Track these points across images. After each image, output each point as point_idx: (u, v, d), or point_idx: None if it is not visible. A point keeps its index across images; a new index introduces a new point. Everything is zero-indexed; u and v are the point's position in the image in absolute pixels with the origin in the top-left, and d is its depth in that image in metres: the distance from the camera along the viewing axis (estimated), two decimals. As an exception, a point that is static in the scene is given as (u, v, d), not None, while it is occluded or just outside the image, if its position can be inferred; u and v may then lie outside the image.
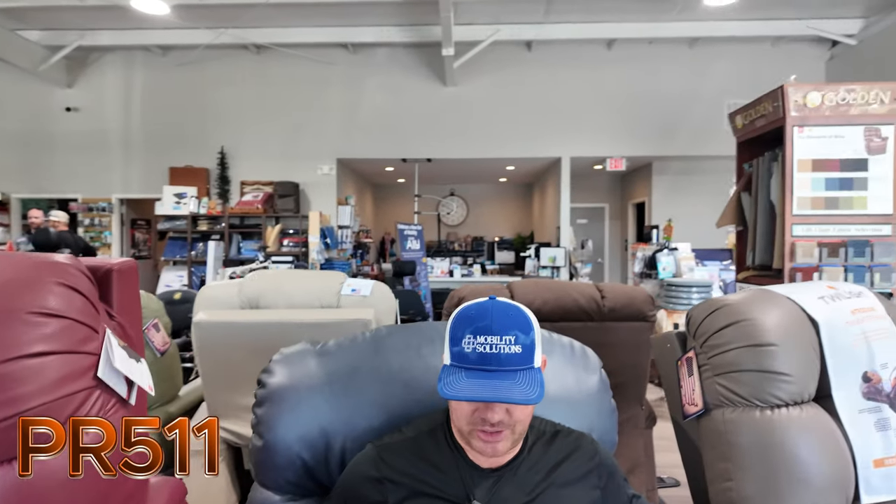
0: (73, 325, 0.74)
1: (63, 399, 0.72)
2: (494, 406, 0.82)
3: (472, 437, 0.84)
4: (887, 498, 1.09)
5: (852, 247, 1.91)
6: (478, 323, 0.84)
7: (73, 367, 0.74)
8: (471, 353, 0.82)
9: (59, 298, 0.73)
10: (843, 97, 1.88)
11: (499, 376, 0.81)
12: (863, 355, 1.15)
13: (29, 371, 0.69)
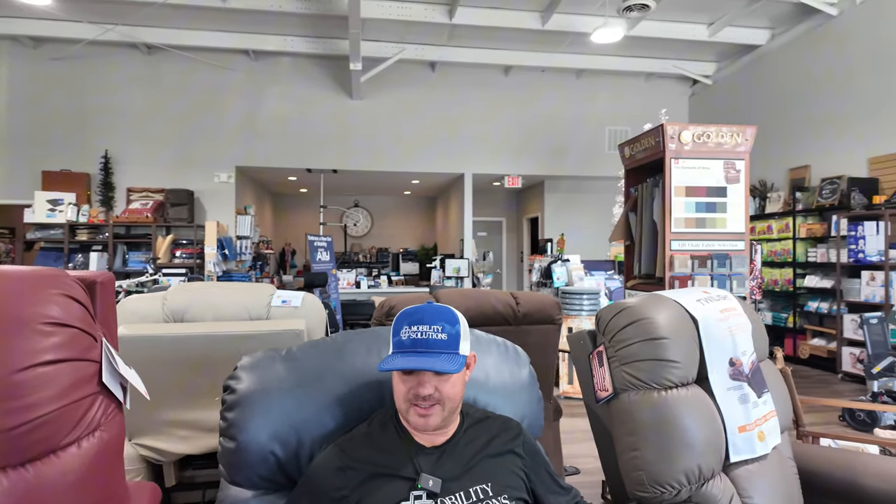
0: (78, 334, 0.78)
1: (74, 404, 0.76)
2: (423, 381, 0.99)
3: (410, 415, 1.01)
4: (748, 456, 1.39)
5: (716, 259, 2.32)
6: (413, 317, 1.04)
7: (81, 373, 0.78)
8: (406, 340, 1.01)
9: (63, 309, 0.77)
10: (709, 136, 2.29)
11: (426, 355, 1.00)
12: (729, 345, 1.46)
13: (44, 378, 0.73)
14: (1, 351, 0.70)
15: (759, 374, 1.51)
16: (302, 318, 2.16)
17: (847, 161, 5.81)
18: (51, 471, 0.74)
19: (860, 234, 5.25)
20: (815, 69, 6.29)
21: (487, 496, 1.00)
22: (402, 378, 1.02)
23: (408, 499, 0.96)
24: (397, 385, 1.04)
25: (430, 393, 1.00)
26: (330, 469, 0.99)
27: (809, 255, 5.98)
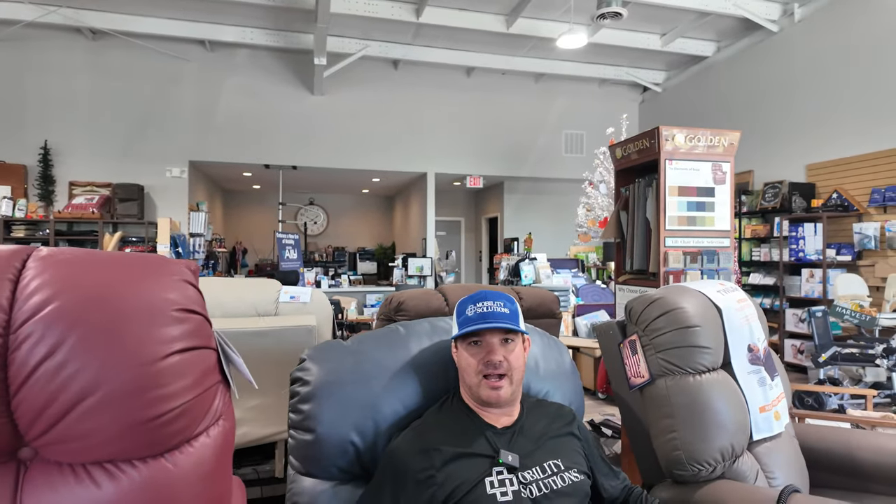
0: (202, 322, 0.76)
1: (205, 393, 0.74)
2: (493, 349, 1.06)
3: (481, 388, 1.07)
4: (767, 434, 1.51)
5: (705, 255, 2.47)
6: (476, 297, 1.12)
7: (209, 361, 0.76)
8: (473, 315, 1.09)
9: (187, 295, 0.74)
10: (699, 139, 2.44)
11: (494, 322, 1.07)
12: (746, 332, 1.57)
13: (182, 366, 0.70)
14: (142, 340, 0.67)
15: (771, 358, 1.64)
16: (312, 314, 2.13)
17: (787, 167, 6.28)
18: (186, 460, 0.71)
19: (800, 234, 5.69)
20: (757, 81, 6.76)
21: (560, 470, 1.05)
22: (472, 351, 1.08)
23: (490, 474, 1.00)
24: (467, 360, 1.09)
25: (500, 360, 1.06)
26: (413, 451, 1.01)
27: (754, 254, 6.41)
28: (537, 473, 1.04)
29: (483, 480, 1.00)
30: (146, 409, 0.67)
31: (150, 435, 0.67)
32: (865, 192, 5.42)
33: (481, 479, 1.00)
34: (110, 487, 0.66)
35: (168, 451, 0.70)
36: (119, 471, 0.67)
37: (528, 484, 1.01)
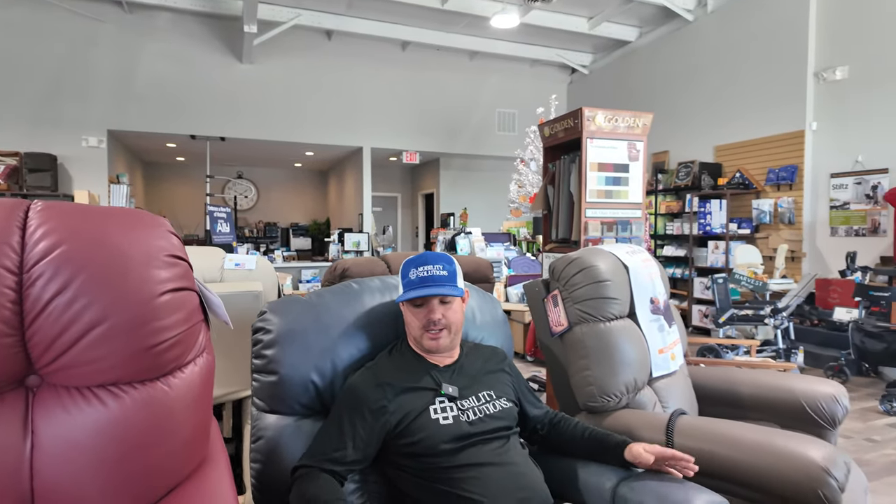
0: (188, 268, 0.86)
1: (194, 327, 0.85)
2: (433, 308, 1.23)
3: (423, 340, 1.24)
4: (664, 372, 1.79)
5: (620, 225, 2.75)
6: (418, 261, 1.27)
7: (195, 301, 0.87)
8: (415, 279, 1.24)
9: (175, 244, 0.85)
10: (618, 120, 2.69)
11: (434, 286, 1.23)
12: (650, 287, 1.84)
13: (176, 303, 0.81)
14: (142, 279, 0.78)
15: (669, 309, 1.92)
16: (258, 281, 2.21)
17: (699, 148, 6.85)
18: (179, 384, 0.83)
19: (707, 210, 6.27)
20: (674, 67, 7.26)
21: (493, 398, 1.25)
22: (414, 311, 1.24)
23: (434, 403, 1.18)
24: (411, 318, 1.25)
25: (439, 318, 1.23)
26: (369, 386, 1.17)
27: (668, 228, 6.98)
28: (474, 402, 1.23)
29: (428, 408, 1.17)
30: (147, 338, 0.78)
31: (150, 361, 0.79)
32: (763, 172, 6.04)
33: (426, 408, 1.17)
34: (115, 406, 0.77)
35: (164, 376, 0.81)
36: (122, 392, 0.78)
37: (465, 410, 1.20)
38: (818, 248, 5.62)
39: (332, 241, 8.06)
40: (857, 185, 5.30)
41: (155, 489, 0.82)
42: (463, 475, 1.11)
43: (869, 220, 5.21)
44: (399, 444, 1.14)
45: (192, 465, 0.89)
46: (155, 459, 0.80)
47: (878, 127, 5.12)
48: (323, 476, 1.06)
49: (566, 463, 1.34)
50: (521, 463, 1.18)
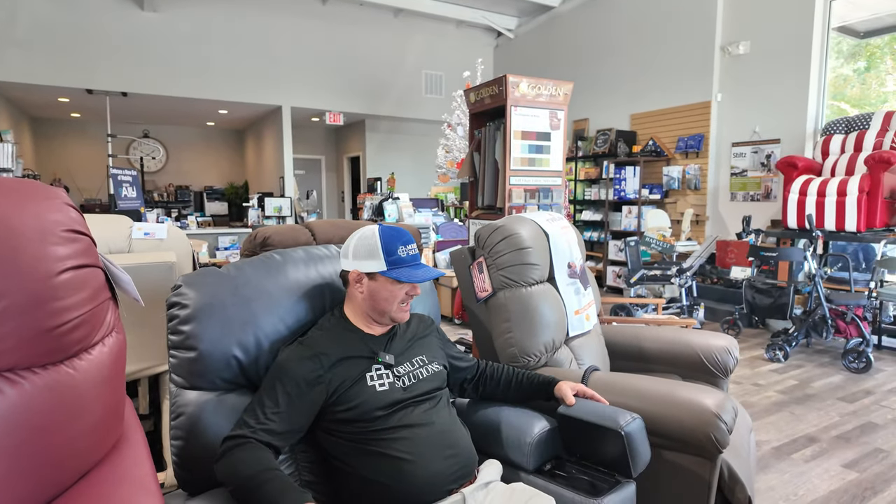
0: (90, 243, 0.80)
1: (100, 306, 0.80)
2: (417, 285, 1.28)
3: (396, 311, 1.26)
4: (580, 332, 1.90)
5: (542, 192, 2.84)
6: (403, 237, 1.28)
7: (100, 279, 0.81)
8: (406, 257, 1.26)
9: (72, 218, 0.78)
10: (541, 88, 2.74)
11: (427, 268, 1.28)
12: (567, 252, 1.93)
13: (78, 281, 0.75)
14: (37, 257, 0.71)
15: (585, 273, 2.03)
16: (171, 251, 2.09)
17: (616, 116, 7.13)
18: (87, 367, 0.78)
19: (622, 176, 6.59)
20: (595, 35, 7.44)
21: (425, 363, 1.29)
22: (397, 286, 1.25)
23: (370, 370, 1.20)
24: (390, 291, 1.25)
25: (419, 293, 1.30)
26: (303, 358, 1.16)
27: (586, 194, 7.29)
28: (408, 367, 1.26)
29: (364, 376, 1.19)
30: (46, 320, 0.72)
31: (51, 344, 0.73)
32: (674, 140, 6.41)
33: (362, 375, 1.19)
34: (13, 393, 0.71)
35: (68, 359, 0.76)
36: (20, 378, 0.72)
37: (400, 376, 1.23)
38: (720, 212, 6.10)
39: (252, 205, 7.71)
40: (753, 153, 5.77)
41: (64, 475, 0.77)
42: (393, 436, 1.14)
43: (763, 187, 5.70)
44: (334, 411, 1.16)
45: (106, 447, 0.85)
46: (64, 444, 0.76)
47: (773, 100, 5.56)
48: (256, 446, 1.05)
49: (491, 421, 1.41)
50: (449, 423, 1.23)
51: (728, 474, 1.49)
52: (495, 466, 1.27)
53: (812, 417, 3.06)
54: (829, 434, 2.85)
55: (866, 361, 3.81)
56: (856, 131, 4.88)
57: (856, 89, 5.91)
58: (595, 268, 7.18)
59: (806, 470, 2.47)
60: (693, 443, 1.38)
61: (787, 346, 4.11)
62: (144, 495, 0.80)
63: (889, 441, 2.76)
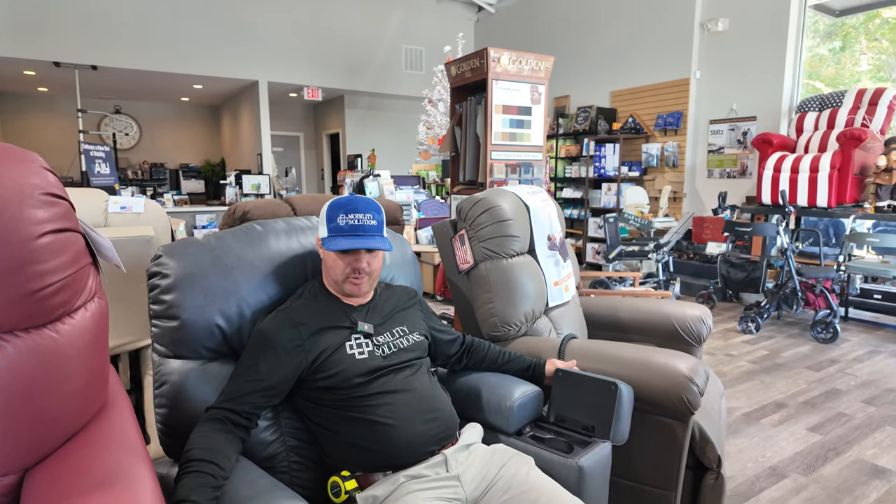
0: (69, 207, 0.79)
1: (81, 271, 0.79)
2: (360, 258, 1.24)
3: (345, 285, 1.25)
4: (559, 302, 1.94)
5: (523, 167, 2.86)
6: (348, 207, 1.24)
7: (80, 243, 0.80)
8: (344, 226, 1.23)
9: (51, 181, 0.77)
10: (521, 62, 2.73)
11: (366, 237, 1.23)
12: (547, 225, 1.95)
13: (59, 245, 0.75)
14: (16, 220, 0.70)
15: (564, 245, 2.06)
16: (148, 225, 2.06)
17: (596, 93, 7.14)
18: (70, 330, 0.78)
19: (602, 153, 6.64)
20: (577, 11, 7.39)
21: (406, 333, 1.31)
22: (341, 256, 1.23)
23: (350, 339, 1.21)
24: (335, 262, 1.24)
25: (364, 266, 1.23)
26: (282, 327, 1.17)
27: (567, 171, 7.32)
28: (388, 337, 1.27)
29: (344, 344, 1.20)
30: (27, 283, 0.72)
31: (33, 307, 0.73)
32: (653, 118, 6.46)
33: (342, 344, 1.20)
34: (-4, 356, 0.71)
35: (51, 322, 0.76)
36: (3, 341, 0.72)
37: (380, 346, 1.24)
38: (696, 189, 6.20)
39: (229, 183, 7.60)
40: (730, 131, 5.85)
41: (53, 436, 0.78)
42: (375, 402, 1.16)
43: (739, 164, 5.80)
44: (314, 379, 1.17)
45: (92, 411, 0.86)
46: (50, 406, 0.76)
47: (750, 77, 5.63)
48: (219, 426, 1.04)
49: (472, 387, 1.45)
50: (429, 389, 1.26)
51: (699, 435, 1.55)
52: (476, 429, 1.31)
53: (781, 385, 3.18)
54: (796, 400, 2.97)
55: (833, 332, 3.96)
56: (829, 109, 4.98)
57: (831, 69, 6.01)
58: (575, 245, 7.26)
59: (773, 434, 2.58)
60: (667, 405, 1.44)
61: (759, 318, 4.24)
62: (133, 457, 0.81)
63: (852, 406, 2.89)
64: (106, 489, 0.74)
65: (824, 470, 2.27)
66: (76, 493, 0.73)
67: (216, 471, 0.97)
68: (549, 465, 1.24)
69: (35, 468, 0.79)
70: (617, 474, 1.55)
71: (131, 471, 0.78)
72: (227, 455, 1.01)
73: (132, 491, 0.75)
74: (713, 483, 1.56)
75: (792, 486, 2.14)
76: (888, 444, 2.47)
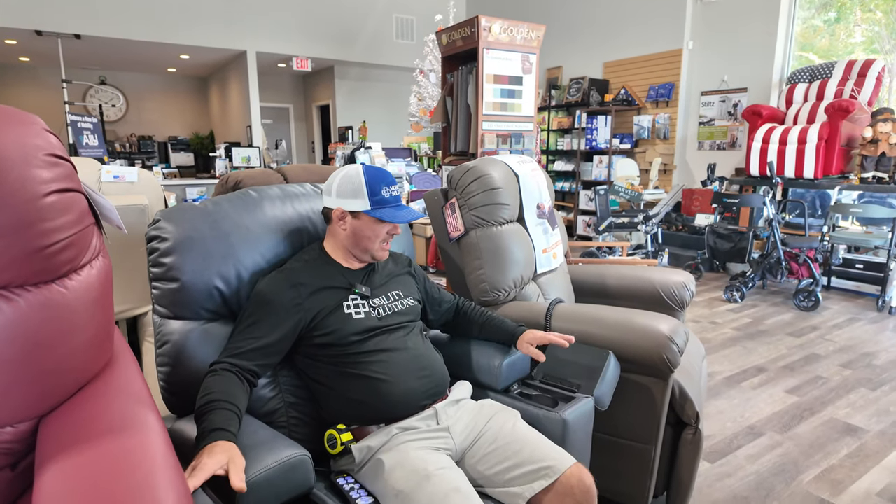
0: (71, 168, 0.82)
1: (86, 229, 0.83)
2: (398, 225, 1.33)
3: (377, 250, 1.32)
4: (547, 269, 2.00)
5: (514, 137, 2.88)
6: (386, 179, 1.31)
7: (83, 204, 0.83)
8: (389, 198, 1.30)
9: (52, 143, 0.80)
10: (513, 31, 2.73)
11: (407, 209, 1.32)
12: (536, 193, 1.99)
13: (64, 203, 0.78)
14: (23, 179, 0.73)
15: (553, 214, 2.11)
16: (142, 194, 2.08)
17: (589, 64, 7.09)
18: (77, 286, 0.82)
19: (594, 126, 6.64)
20: (570, -20, 7.28)
21: (400, 297, 1.36)
22: (383, 225, 1.30)
23: (347, 300, 1.26)
24: (373, 230, 1.29)
25: (400, 232, 1.35)
26: (283, 287, 1.22)
27: (559, 144, 7.33)
28: (383, 300, 1.32)
29: (342, 305, 1.25)
30: (35, 240, 0.75)
31: (42, 263, 0.77)
32: (645, 89, 6.44)
33: (339, 304, 1.25)
34: (9, 309, 0.75)
35: (59, 278, 0.80)
36: (15, 295, 0.76)
37: (376, 308, 1.30)
38: (687, 161, 6.24)
39: (219, 156, 7.53)
40: (721, 102, 5.86)
41: (64, 386, 0.83)
42: (370, 360, 1.22)
43: (729, 135, 5.84)
44: (313, 336, 1.22)
45: (100, 363, 0.90)
46: (60, 357, 0.81)
47: (742, 49, 5.62)
48: (228, 375, 1.10)
49: (462, 348, 1.51)
50: (422, 348, 1.31)
51: (679, 393, 1.63)
52: (466, 386, 1.37)
53: (762, 351, 3.29)
54: (776, 365, 3.08)
55: (815, 300, 4.07)
56: (819, 80, 5.00)
57: (825, 40, 6.00)
58: (566, 217, 7.32)
59: (753, 396, 2.69)
60: (648, 363, 1.50)
61: (745, 287, 4.34)
62: (141, 405, 0.86)
63: (829, 369, 3.01)
64: (117, 434, 0.79)
65: (799, 428, 2.37)
66: (90, 438, 0.78)
67: (237, 410, 1.05)
68: (535, 418, 1.31)
69: (49, 416, 0.83)
70: (601, 430, 1.63)
71: (140, 418, 0.83)
72: (241, 400, 1.08)
73: (143, 435, 0.80)
74: (691, 438, 1.64)
75: (768, 444, 2.25)
76: (861, 405, 2.59)
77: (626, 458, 1.60)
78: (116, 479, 0.70)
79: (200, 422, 1.01)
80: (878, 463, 2.11)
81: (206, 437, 0.96)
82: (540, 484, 1.11)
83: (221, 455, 0.91)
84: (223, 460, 0.90)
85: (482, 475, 1.18)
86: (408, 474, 1.07)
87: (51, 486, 0.69)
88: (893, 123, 4.27)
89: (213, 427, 0.97)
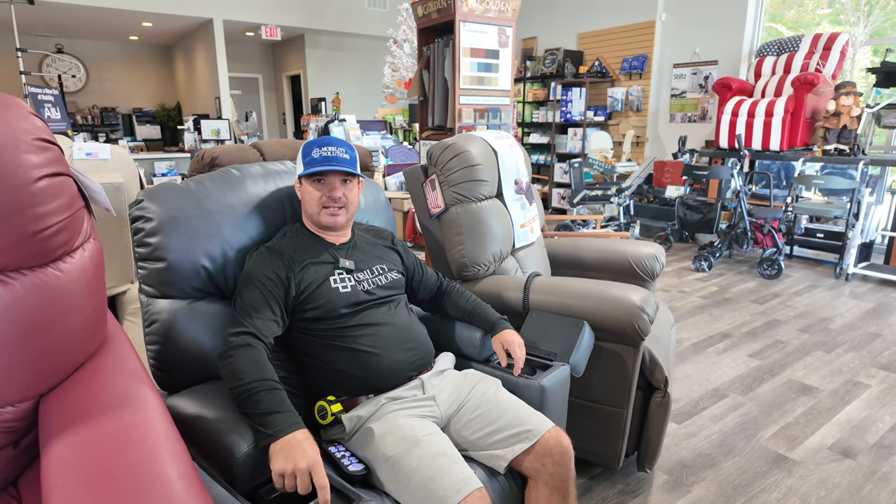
0: (60, 152, 0.83)
1: (77, 213, 0.84)
2: (334, 187, 1.31)
3: (321, 216, 1.32)
4: (524, 243, 2.05)
5: (491, 112, 2.89)
6: (322, 142, 1.32)
7: (73, 187, 0.84)
8: (318, 158, 1.30)
9: (40, 127, 0.80)
10: (489, 3, 2.72)
11: (337, 164, 1.30)
12: (514, 169, 2.03)
13: (55, 188, 0.79)
14: (13, 164, 0.74)
15: (530, 189, 2.16)
16: (117, 172, 2.05)
17: (564, 35, 7.07)
18: (71, 269, 0.83)
19: (569, 98, 6.66)
20: (545, -52, 7.18)
21: (385, 271, 1.40)
22: (316, 186, 1.30)
23: (333, 274, 1.29)
24: (311, 193, 1.31)
25: (340, 196, 1.31)
26: (272, 261, 1.25)
27: (534, 116, 7.34)
28: (368, 274, 1.36)
29: (328, 279, 1.28)
30: (29, 224, 0.76)
31: (36, 247, 0.78)
32: (618, 61, 6.47)
33: (326, 278, 1.28)
34: (5, 292, 0.76)
35: (53, 262, 0.81)
36: (11, 279, 0.77)
37: (361, 281, 1.33)
38: (659, 133, 6.34)
39: (187, 129, 7.33)
40: (693, 75, 5.94)
41: (62, 366, 0.85)
42: (358, 333, 1.26)
43: (700, 108, 5.94)
44: (303, 310, 1.26)
45: (96, 343, 0.92)
46: (58, 338, 0.83)
47: (713, 21, 5.68)
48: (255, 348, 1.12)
49: (446, 322, 1.56)
50: (408, 322, 1.36)
51: (649, 359, 1.72)
52: (449, 357, 1.43)
53: (727, 318, 3.45)
54: (740, 331, 3.23)
55: (778, 269, 4.25)
56: (786, 53, 5.11)
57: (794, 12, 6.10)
58: (541, 190, 7.39)
59: (718, 360, 2.84)
60: (620, 332, 1.59)
61: (712, 257, 4.50)
62: (138, 382, 0.89)
63: (789, 334, 3.18)
64: (117, 410, 0.82)
65: (760, 390, 2.53)
66: (92, 415, 0.81)
67: (280, 385, 1.10)
68: (515, 386, 1.38)
69: (49, 394, 0.86)
70: (576, 395, 1.72)
71: (140, 394, 0.86)
72: (273, 373, 1.11)
73: (142, 411, 0.83)
74: (660, 401, 1.74)
75: (731, 405, 2.39)
76: (817, 367, 2.76)
77: (600, 420, 1.70)
78: (122, 452, 0.74)
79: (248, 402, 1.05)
80: (830, 420, 2.27)
81: (271, 423, 1.03)
82: (521, 447, 1.18)
83: (311, 450, 1.01)
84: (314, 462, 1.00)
85: (466, 440, 1.24)
86: (397, 441, 1.13)
87: (60, 461, 0.72)
88: (855, 97, 4.41)
89: (279, 410, 1.05)
